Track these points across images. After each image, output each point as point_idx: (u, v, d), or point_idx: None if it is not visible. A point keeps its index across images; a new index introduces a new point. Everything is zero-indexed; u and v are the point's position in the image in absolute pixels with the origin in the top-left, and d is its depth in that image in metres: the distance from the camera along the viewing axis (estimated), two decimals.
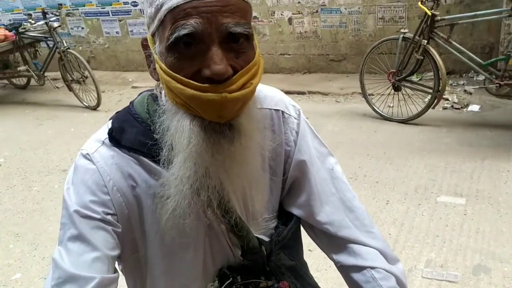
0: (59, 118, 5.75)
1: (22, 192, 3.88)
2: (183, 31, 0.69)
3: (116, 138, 0.84)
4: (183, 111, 0.75)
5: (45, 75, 6.22)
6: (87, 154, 0.84)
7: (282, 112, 0.96)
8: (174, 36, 0.70)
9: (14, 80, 7.18)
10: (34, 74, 6.25)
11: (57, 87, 6.44)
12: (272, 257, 0.94)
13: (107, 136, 0.85)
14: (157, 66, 0.76)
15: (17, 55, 6.38)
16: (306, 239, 1.09)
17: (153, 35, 0.78)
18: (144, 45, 0.82)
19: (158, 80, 0.82)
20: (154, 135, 0.82)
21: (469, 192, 3.15)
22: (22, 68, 6.40)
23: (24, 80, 7.16)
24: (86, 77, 5.72)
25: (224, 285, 0.88)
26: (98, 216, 0.81)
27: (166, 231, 0.84)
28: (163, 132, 0.78)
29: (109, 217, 0.82)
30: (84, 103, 5.95)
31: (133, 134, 0.84)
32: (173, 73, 0.72)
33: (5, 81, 7.15)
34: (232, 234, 0.89)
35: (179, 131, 0.74)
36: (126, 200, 0.84)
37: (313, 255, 2.32)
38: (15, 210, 3.58)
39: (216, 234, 0.87)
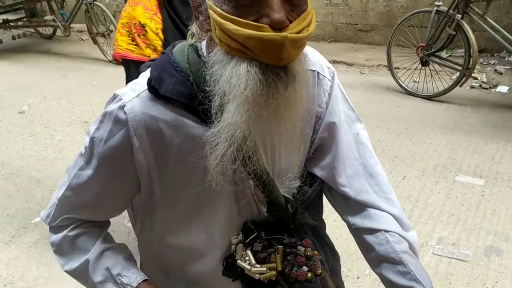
0: (83, 70, 5.79)
1: (45, 140, 3.96)
2: None
3: (154, 88, 0.82)
4: (238, 57, 0.73)
5: (71, 26, 6.23)
6: (121, 101, 0.84)
7: (318, 73, 0.96)
8: None
9: (40, 30, 7.22)
10: (60, 25, 6.27)
11: (82, 39, 6.46)
12: (297, 215, 0.94)
13: (145, 86, 0.84)
14: (210, 11, 0.74)
15: (44, 4, 6.39)
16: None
17: None
18: None
19: (207, 31, 0.81)
20: (193, 86, 0.81)
21: (488, 173, 3.11)
22: (48, 17, 6.43)
23: (50, 30, 7.19)
24: (111, 31, 5.71)
25: (249, 239, 0.88)
26: (120, 164, 0.86)
27: (197, 180, 0.85)
28: (214, 83, 0.76)
29: (132, 171, 0.86)
30: (108, 57, 5.96)
31: (172, 84, 0.82)
32: (231, 16, 0.71)
33: (32, 30, 7.19)
34: (259, 189, 0.88)
35: (234, 75, 0.72)
36: (150, 152, 0.85)
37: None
38: (37, 156, 3.68)
39: (243, 188, 0.87)
